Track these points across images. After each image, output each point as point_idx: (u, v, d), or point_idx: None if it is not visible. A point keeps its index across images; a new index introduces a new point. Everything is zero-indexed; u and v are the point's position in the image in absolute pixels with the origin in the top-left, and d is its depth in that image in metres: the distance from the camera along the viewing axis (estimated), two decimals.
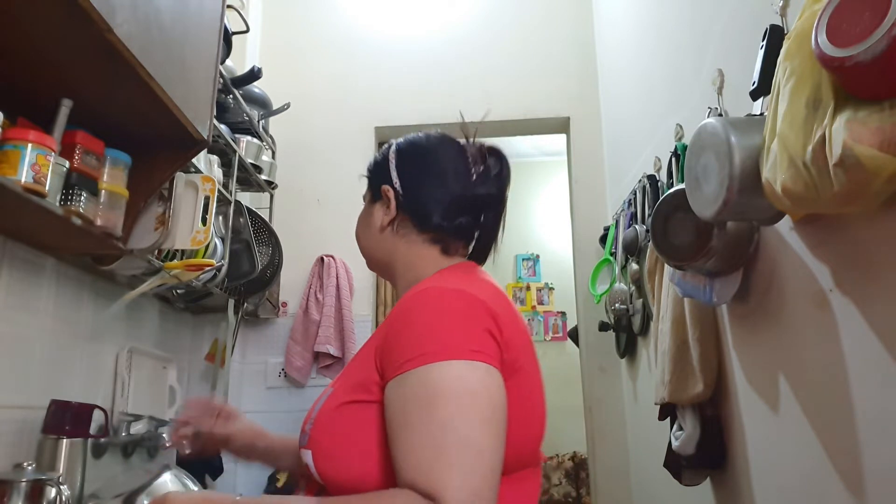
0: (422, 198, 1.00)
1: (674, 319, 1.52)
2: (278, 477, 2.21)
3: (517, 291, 4.90)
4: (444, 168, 1.02)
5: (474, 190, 1.01)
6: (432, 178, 1.01)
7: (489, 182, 1.03)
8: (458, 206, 1.00)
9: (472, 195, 1.01)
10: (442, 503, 0.67)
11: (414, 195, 1.00)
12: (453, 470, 0.69)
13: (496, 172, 1.04)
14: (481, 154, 1.05)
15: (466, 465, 0.70)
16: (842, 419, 1.01)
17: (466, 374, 0.75)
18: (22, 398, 1.37)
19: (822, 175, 0.83)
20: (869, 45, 0.74)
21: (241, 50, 2.45)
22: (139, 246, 1.44)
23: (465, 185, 1.01)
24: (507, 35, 2.87)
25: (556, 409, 4.87)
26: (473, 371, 0.76)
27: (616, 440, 2.45)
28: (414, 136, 1.07)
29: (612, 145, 2.60)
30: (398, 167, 1.03)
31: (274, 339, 2.50)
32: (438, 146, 1.05)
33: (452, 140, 1.06)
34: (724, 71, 1.45)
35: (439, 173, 1.01)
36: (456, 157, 1.03)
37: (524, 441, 0.83)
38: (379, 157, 1.07)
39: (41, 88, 1.18)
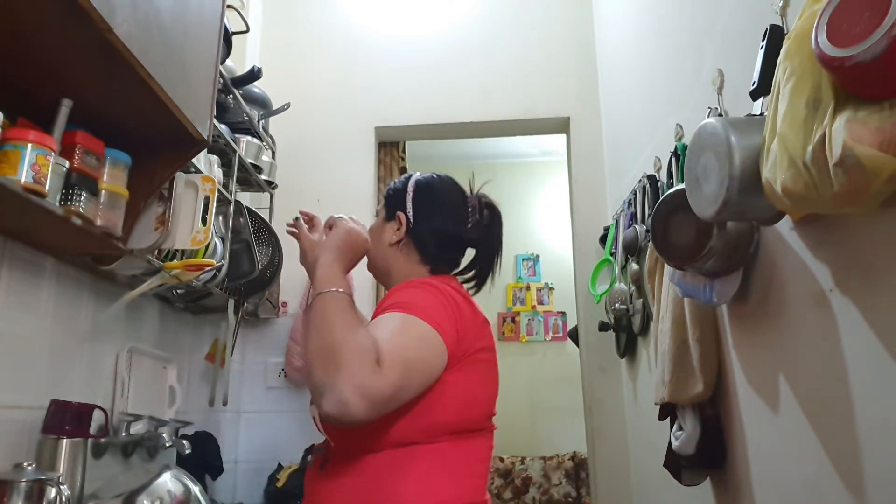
0: (426, 231, 1.24)
1: (674, 319, 1.52)
2: (278, 477, 2.21)
3: (517, 291, 4.90)
4: (448, 211, 1.26)
5: (467, 234, 1.27)
6: (437, 216, 1.25)
7: (480, 229, 1.28)
8: (451, 243, 1.27)
9: (464, 237, 1.27)
10: (383, 368, 0.93)
11: (420, 226, 1.24)
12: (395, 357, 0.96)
13: (487, 223, 1.29)
14: (479, 205, 1.29)
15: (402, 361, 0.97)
16: (842, 419, 1.01)
17: (426, 331, 1.03)
18: (22, 398, 1.37)
19: (822, 175, 0.83)
20: (869, 45, 0.74)
21: (241, 50, 2.45)
22: (139, 246, 1.44)
23: (461, 228, 1.26)
24: (507, 35, 2.87)
25: (557, 409, 4.88)
26: (430, 333, 1.03)
27: (616, 440, 2.45)
28: (430, 176, 1.31)
29: (612, 145, 2.60)
30: (414, 200, 1.26)
31: (274, 339, 2.50)
32: (448, 191, 1.29)
33: (460, 188, 1.31)
34: (724, 71, 1.45)
35: (444, 214, 1.26)
36: (459, 203, 1.28)
37: (477, 412, 1.11)
38: (399, 184, 1.30)
39: (41, 88, 1.18)
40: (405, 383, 0.96)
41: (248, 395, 2.45)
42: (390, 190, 1.31)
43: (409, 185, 1.28)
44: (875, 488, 0.95)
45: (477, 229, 1.27)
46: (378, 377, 0.91)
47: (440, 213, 1.25)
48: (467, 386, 1.08)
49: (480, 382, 1.12)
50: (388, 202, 1.29)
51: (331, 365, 0.92)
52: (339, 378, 0.90)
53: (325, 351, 0.95)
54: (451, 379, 1.06)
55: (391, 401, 0.95)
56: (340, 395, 0.89)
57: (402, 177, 1.32)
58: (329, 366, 0.93)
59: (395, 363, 0.94)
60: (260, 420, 2.42)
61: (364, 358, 0.92)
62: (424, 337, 1.02)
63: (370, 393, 0.90)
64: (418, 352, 1.01)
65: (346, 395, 0.88)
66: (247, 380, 2.46)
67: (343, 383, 0.89)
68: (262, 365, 2.47)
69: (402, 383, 0.95)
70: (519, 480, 4.24)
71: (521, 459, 4.30)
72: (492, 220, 1.29)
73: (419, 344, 1.01)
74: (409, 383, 0.97)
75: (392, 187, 1.31)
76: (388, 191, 1.31)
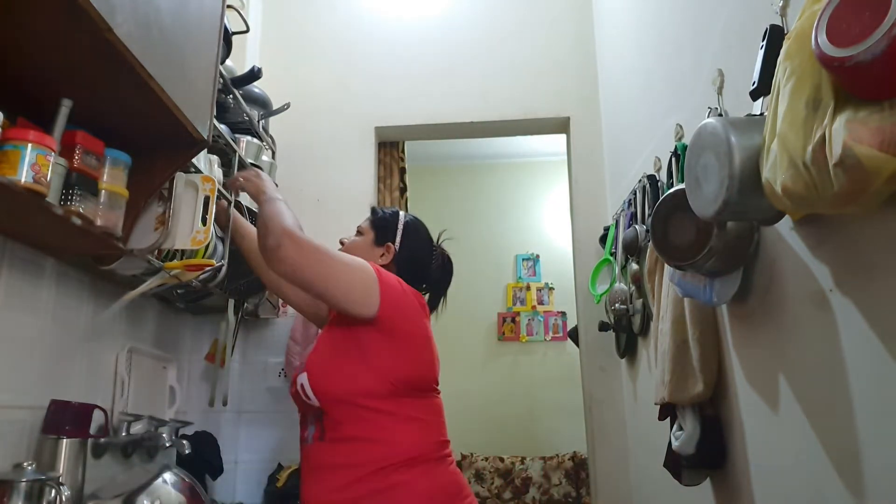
0: (407, 261, 1.58)
1: (674, 319, 1.52)
2: (278, 477, 2.21)
3: (517, 291, 4.90)
4: (424, 250, 1.63)
5: (430, 272, 1.64)
6: (417, 254, 1.61)
7: (438, 272, 1.66)
8: (418, 275, 1.60)
9: (427, 273, 1.63)
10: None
11: (403, 259, 1.58)
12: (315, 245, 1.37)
13: (446, 269, 1.68)
14: (442, 256, 1.67)
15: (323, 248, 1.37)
16: (842, 419, 1.01)
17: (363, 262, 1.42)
18: (22, 398, 1.37)
19: (822, 175, 0.83)
20: (869, 45, 0.74)
21: (241, 50, 2.45)
22: (139, 246, 1.44)
23: (428, 265, 1.63)
24: (507, 35, 2.87)
25: (557, 409, 4.88)
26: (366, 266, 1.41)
27: (616, 440, 2.45)
28: (414, 218, 1.66)
29: (612, 145, 2.60)
30: (403, 235, 1.59)
31: (274, 339, 2.50)
32: (425, 236, 1.66)
33: (430, 235, 1.67)
34: (724, 71, 1.45)
35: (421, 252, 1.62)
36: (429, 246, 1.65)
37: (426, 373, 1.45)
38: (389, 214, 1.63)
39: (41, 88, 1.18)
40: (321, 257, 1.34)
41: (248, 395, 2.44)
42: (381, 219, 1.62)
43: (400, 222, 1.60)
44: (875, 488, 0.95)
45: (437, 271, 1.64)
46: (306, 237, 1.34)
47: (419, 252, 1.61)
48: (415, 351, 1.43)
49: (425, 348, 1.46)
50: (379, 230, 1.60)
51: (286, 227, 1.34)
52: (286, 230, 1.33)
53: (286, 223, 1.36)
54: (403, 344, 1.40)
55: (309, 258, 1.32)
56: (281, 237, 1.31)
57: (390, 209, 1.65)
58: (285, 226, 1.34)
59: (320, 245, 1.36)
60: (260, 420, 2.42)
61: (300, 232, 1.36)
62: (354, 259, 1.41)
63: (298, 242, 1.32)
64: (343, 257, 1.40)
65: (285, 238, 1.32)
66: (247, 380, 2.46)
67: (286, 232, 1.33)
68: (262, 365, 2.47)
69: (320, 254, 1.34)
70: (519, 480, 4.24)
71: (521, 459, 4.30)
72: (447, 267, 1.67)
73: (346, 257, 1.41)
74: (323, 260, 1.34)
75: (382, 216, 1.62)
76: (378, 219, 1.62)
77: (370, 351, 1.38)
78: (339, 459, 1.34)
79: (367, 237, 1.60)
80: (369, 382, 1.36)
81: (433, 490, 1.35)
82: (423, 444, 1.38)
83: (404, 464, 1.33)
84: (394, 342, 1.39)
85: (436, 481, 1.37)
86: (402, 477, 1.32)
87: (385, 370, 1.37)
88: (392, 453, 1.33)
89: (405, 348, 1.40)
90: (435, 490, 1.36)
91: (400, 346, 1.39)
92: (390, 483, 1.31)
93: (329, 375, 1.38)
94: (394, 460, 1.33)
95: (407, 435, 1.36)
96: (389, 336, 1.38)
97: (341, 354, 1.40)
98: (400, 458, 1.33)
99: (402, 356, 1.39)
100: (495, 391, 4.68)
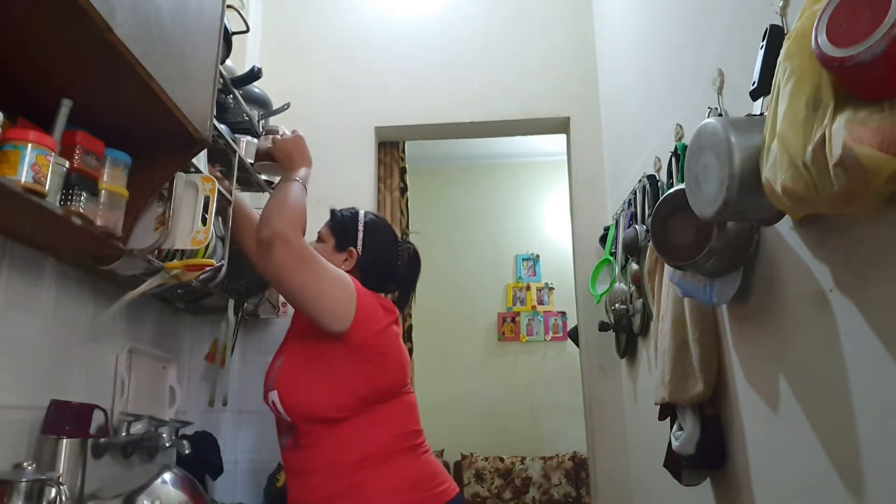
0: (370, 265, 1.54)
1: (674, 319, 1.52)
2: (278, 477, 2.21)
3: (517, 291, 4.90)
4: (389, 253, 1.58)
5: (396, 270, 1.59)
6: (381, 255, 1.57)
7: (405, 270, 1.62)
8: (383, 275, 1.57)
9: (394, 273, 1.59)
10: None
11: (367, 261, 1.54)
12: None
13: (413, 266, 1.64)
14: (408, 251, 1.63)
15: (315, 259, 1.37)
16: (842, 419, 1.01)
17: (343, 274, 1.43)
18: (22, 398, 1.37)
19: (822, 175, 0.83)
20: (869, 45, 0.74)
21: (241, 50, 2.45)
22: (139, 246, 1.44)
23: (393, 266, 1.59)
24: (507, 35, 2.87)
25: (557, 408, 4.88)
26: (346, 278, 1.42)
27: (616, 440, 2.45)
28: (374, 217, 1.62)
29: (612, 145, 2.60)
30: (364, 238, 1.55)
31: (274, 339, 2.49)
32: (391, 236, 1.61)
33: (395, 232, 1.65)
34: (724, 71, 1.45)
35: (385, 255, 1.58)
36: (394, 245, 1.60)
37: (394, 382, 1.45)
38: (348, 216, 1.59)
39: (41, 88, 1.18)
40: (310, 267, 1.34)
41: (248, 395, 2.44)
42: (340, 223, 1.58)
43: (360, 224, 1.57)
44: (875, 488, 0.95)
45: (403, 268, 1.61)
46: (300, 242, 1.34)
47: (383, 251, 1.57)
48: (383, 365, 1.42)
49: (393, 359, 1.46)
50: (339, 235, 1.56)
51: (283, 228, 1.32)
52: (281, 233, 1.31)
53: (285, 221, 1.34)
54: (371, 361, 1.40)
55: (297, 266, 1.32)
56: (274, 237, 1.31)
57: (349, 211, 1.61)
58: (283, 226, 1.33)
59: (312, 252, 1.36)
60: (260, 420, 2.42)
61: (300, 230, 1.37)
62: (340, 273, 1.41)
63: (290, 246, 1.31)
64: (330, 269, 1.40)
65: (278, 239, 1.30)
66: (247, 380, 2.45)
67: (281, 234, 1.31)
68: (262, 365, 2.44)
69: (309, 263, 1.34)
70: (519, 480, 4.24)
71: (521, 459, 4.30)
72: (414, 263, 1.64)
73: (333, 269, 1.40)
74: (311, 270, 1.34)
75: (341, 219, 1.59)
76: (337, 222, 1.59)
77: (336, 367, 1.39)
78: (312, 463, 1.40)
79: (328, 244, 1.57)
80: (336, 397, 1.38)
81: (405, 480, 1.40)
82: (392, 439, 1.41)
83: (374, 459, 1.38)
84: (362, 358, 1.39)
85: (407, 471, 1.41)
86: (372, 472, 1.37)
87: (352, 385, 1.39)
88: (361, 452, 1.38)
89: (373, 365, 1.41)
90: (407, 480, 1.40)
91: (368, 362, 1.40)
92: (361, 478, 1.36)
93: (298, 393, 1.40)
94: (362, 457, 1.37)
95: (376, 435, 1.40)
96: (358, 353, 1.39)
97: (308, 370, 1.42)
98: (368, 455, 1.38)
99: (369, 372, 1.40)
100: (495, 391, 4.68)
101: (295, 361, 1.46)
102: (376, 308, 1.44)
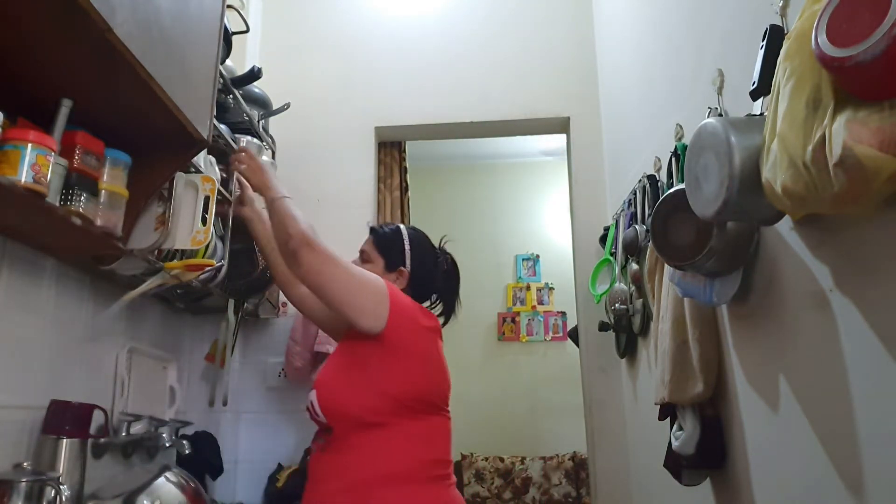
0: (420, 282, 1.55)
1: (674, 319, 1.52)
2: (278, 477, 2.21)
3: (517, 291, 4.90)
4: (431, 264, 1.59)
5: (437, 281, 1.60)
6: (428, 268, 1.58)
7: (444, 280, 1.62)
8: (428, 288, 1.59)
9: (435, 284, 1.60)
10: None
11: (416, 278, 1.55)
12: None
13: (452, 275, 1.65)
14: (446, 259, 1.64)
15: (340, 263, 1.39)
16: (842, 419, 1.01)
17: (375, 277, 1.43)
18: (22, 398, 1.37)
19: (822, 175, 0.83)
20: (869, 45, 0.74)
21: (241, 50, 2.45)
22: (139, 246, 1.44)
23: (436, 277, 1.60)
24: (506, 35, 2.87)
25: (556, 408, 4.87)
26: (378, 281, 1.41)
27: (616, 440, 2.45)
28: (417, 232, 1.61)
29: (612, 145, 2.60)
30: (412, 255, 1.55)
31: (274, 339, 2.50)
32: (430, 247, 1.61)
33: (433, 244, 1.63)
34: (724, 71, 1.45)
35: (429, 266, 1.58)
36: (435, 257, 1.61)
37: (430, 392, 1.41)
38: (390, 233, 1.58)
39: (41, 88, 1.18)
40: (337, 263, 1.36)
41: (248, 395, 2.45)
42: (386, 241, 1.57)
43: (406, 242, 1.56)
44: (875, 488, 0.95)
45: (443, 279, 1.62)
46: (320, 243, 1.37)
47: (426, 264, 1.58)
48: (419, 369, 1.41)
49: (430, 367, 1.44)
50: (387, 255, 1.55)
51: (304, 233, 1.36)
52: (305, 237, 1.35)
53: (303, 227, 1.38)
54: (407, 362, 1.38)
55: (323, 264, 1.35)
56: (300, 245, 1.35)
57: (389, 227, 1.60)
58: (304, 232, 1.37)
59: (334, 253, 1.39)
60: (260, 420, 2.42)
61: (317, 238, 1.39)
62: (370, 273, 1.43)
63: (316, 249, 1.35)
64: (359, 269, 1.42)
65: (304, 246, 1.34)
66: (247, 380, 2.46)
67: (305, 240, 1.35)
68: (262, 365, 2.47)
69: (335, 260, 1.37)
70: (519, 480, 4.24)
71: (521, 459, 4.30)
72: (453, 272, 1.65)
73: (361, 269, 1.43)
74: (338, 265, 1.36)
75: (385, 237, 1.58)
76: (383, 242, 1.57)
77: (372, 367, 1.38)
78: (328, 471, 1.36)
79: (377, 265, 1.54)
80: (371, 398, 1.36)
81: None
82: (414, 461, 1.35)
83: (389, 479, 1.32)
84: (397, 359, 1.38)
85: (424, 502, 1.35)
86: (387, 492, 1.31)
87: (386, 386, 1.36)
88: (383, 468, 1.32)
89: (409, 366, 1.39)
90: None
91: (403, 363, 1.38)
92: (373, 497, 1.30)
93: (335, 392, 1.39)
94: (383, 474, 1.32)
95: (397, 451, 1.34)
96: (393, 353, 1.38)
97: (346, 370, 1.41)
98: (389, 473, 1.32)
99: (404, 373, 1.38)
100: (495, 391, 4.68)
101: (335, 363, 1.46)
102: (413, 310, 1.44)
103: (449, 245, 1.70)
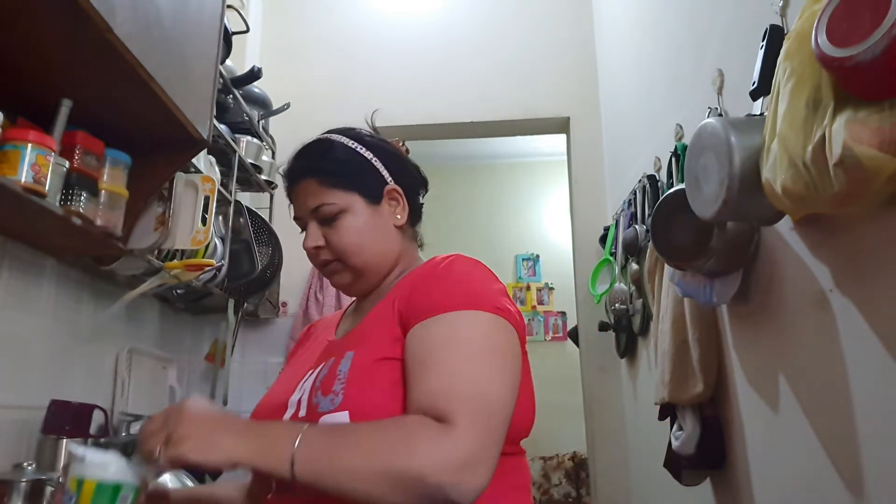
0: (413, 194, 1.03)
1: (674, 319, 1.52)
2: None
3: (517, 291, 4.90)
4: (409, 163, 1.06)
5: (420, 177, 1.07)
6: (410, 172, 1.04)
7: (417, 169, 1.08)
8: (418, 193, 1.05)
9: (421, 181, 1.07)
10: (454, 423, 0.69)
11: (409, 193, 1.02)
12: (467, 400, 0.72)
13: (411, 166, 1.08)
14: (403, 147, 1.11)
15: (480, 400, 0.73)
16: (842, 419, 1.01)
17: (490, 325, 0.81)
18: (22, 398, 1.37)
19: (822, 175, 0.83)
20: (869, 45, 0.74)
21: (241, 50, 2.45)
22: (139, 246, 1.44)
23: (418, 173, 1.06)
24: (506, 35, 2.87)
25: (556, 409, 4.85)
26: (496, 324, 0.81)
27: (616, 440, 2.45)
28: (360, 131, 1.06)
29: (612, 145, 2.60)
30: (387, 167, 1.00)
31: (274, 339, 2.50)
32: (388, 142, 1.07)
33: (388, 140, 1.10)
34: (724, 71, 1.45)
35: (410, 168, 1.05)
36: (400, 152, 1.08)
37: (522, 420, 0.87)
38: (342, 155, 0.98)
39: (41, 88, 1.18)
40: (501, 422, 0.75)
41: (248, 395, 2.44)
42: (336, 164, 0.97)
43: (368, 153, 0.99)
44: (875, 488, 0.95)
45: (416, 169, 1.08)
46: (448, 437, 0.69)
47: (409, 168, 1.05)
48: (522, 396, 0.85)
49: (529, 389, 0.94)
50: (353, 181, 0.96)
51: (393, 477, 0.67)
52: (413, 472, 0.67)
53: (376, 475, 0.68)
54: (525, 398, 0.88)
55: (486, 452, 0.71)
56: (427, 485, 0.66)
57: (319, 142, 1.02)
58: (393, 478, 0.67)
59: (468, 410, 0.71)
60: None
61: (419, 432, 0.70)
62: (495, 343, 0.81)
63: (453, 461, 0.67)
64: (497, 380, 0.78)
65: (432, 481, 0.66)
66: (247, 380, 2.45)
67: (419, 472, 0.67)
68: (262, 365, 2.47)
69: (501, 425, 0.74)
70: None
71: None
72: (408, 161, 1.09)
73: (494, 365, 0.79)
74: (505, 413, 0.76)
75: (331, 161, 0.97)
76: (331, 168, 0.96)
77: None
78: None
79: (354, 211, 0.94)
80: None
81: None
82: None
83: None
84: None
85: None
86: None
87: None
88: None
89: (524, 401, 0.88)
90: None
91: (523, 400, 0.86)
92: None
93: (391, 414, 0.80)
94: None
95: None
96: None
97: None
98: None
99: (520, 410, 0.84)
100: None
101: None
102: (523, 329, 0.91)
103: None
